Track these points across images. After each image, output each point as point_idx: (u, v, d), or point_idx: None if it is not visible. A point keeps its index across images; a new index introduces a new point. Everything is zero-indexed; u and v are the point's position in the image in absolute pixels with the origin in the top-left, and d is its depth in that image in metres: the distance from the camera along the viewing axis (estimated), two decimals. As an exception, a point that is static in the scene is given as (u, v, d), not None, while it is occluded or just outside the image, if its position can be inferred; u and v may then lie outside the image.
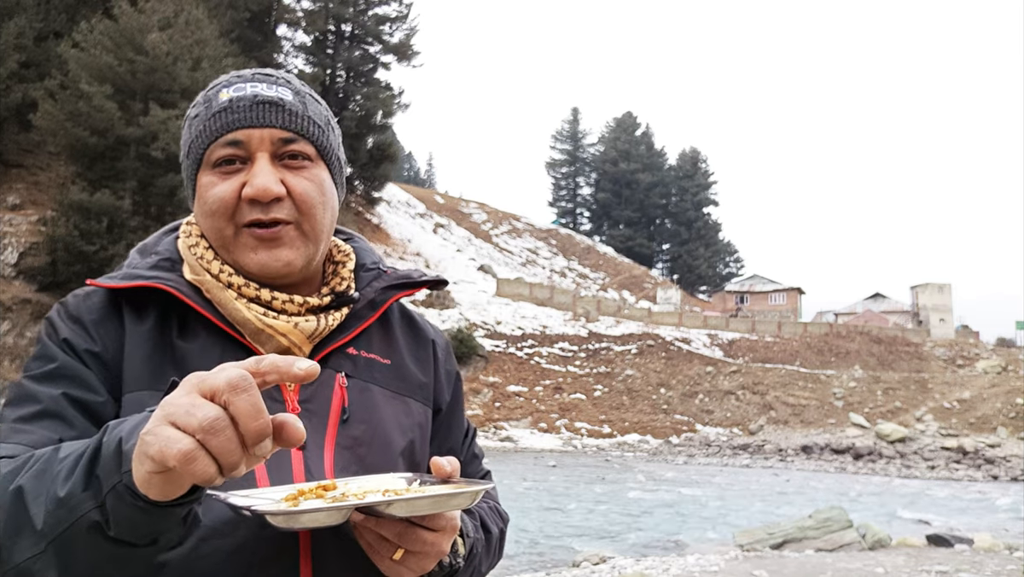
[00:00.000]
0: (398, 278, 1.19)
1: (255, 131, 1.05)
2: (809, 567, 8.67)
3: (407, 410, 1.14)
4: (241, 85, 1.08)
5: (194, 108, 1.11)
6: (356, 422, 1.07)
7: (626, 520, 15.39)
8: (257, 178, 1.03)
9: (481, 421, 35.49)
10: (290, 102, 1.08)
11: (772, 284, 72.01)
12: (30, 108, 30.02)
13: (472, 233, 71.14)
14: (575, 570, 9.48)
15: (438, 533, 0.93)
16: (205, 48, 32.53)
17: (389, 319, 1.21)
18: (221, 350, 1.03)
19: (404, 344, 1.20)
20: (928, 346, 52.14)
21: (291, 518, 0.80)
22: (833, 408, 39.14)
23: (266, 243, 1.04)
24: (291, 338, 1.05)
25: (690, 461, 29.80)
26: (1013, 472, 26.84)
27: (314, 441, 1.03)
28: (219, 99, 1.07)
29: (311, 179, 1.07)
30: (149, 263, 1.10)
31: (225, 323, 1.05)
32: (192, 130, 1.09)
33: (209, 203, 1.05)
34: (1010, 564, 8.99)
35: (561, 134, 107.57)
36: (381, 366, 1.14)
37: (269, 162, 1.05)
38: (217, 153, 1.05)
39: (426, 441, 1.16)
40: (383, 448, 1.08)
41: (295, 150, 1.07)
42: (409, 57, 55.57)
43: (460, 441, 1.26)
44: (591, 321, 50.83)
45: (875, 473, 27.53)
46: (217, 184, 1.05)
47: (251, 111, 1.05)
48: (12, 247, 29.27)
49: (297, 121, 1.07)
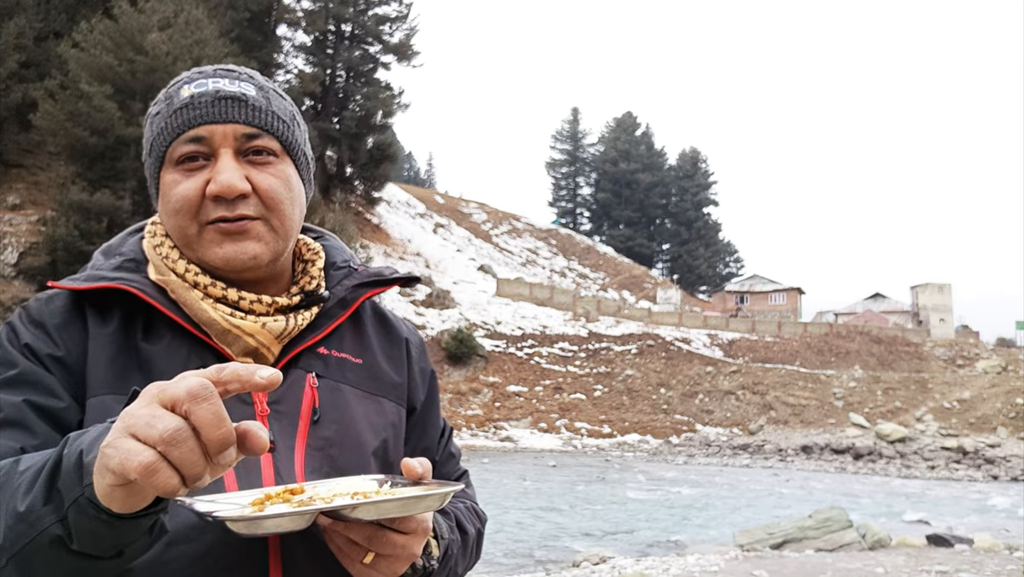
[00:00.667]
0: (369, 276, 1.17)
1: (218, 127, 1.02)
2: (809, 567, 8.67)
3: (380, 409, 1.12)
4: (202, 81, 1.05)
5: (155, 105, 1.08)
6: (327, 422, 1.05)
7: (626, 520, 15.39)
8: (221, 175, 1.00)
9: (481, 421, 35.50)
10: (253, 97, 1.05)
11: (772, 284, 72.02)
12: (30, 108, 30.04)
13: (472, 233, 71.15)
14: (575, 570, 9.48)
15: (409, 536, 0.91)
16: (205, 48, 32.51)
17: (361, 318, 1.19)
18: (187, 352, 1.02)
19: (377, 343, 1.18)
20: (928, 346, 52.15)
21: (253, 524, 0.79)
22: (833, 408, 39.15)
23: (232, 236, 1.02)
24: (259, 338, 1.03)
25: (690, 461, 29.79)
26: (1013, 472, 26.84)
27: (284, 443, 1.01)
28: (180, 95, 1.04)
29: (277, 175, 1.05)
30: (113, 264, 1.08)
31: (191, 324, 1.03)
32: (153, 127, 1.06)
33: (173, 201, 1.02)
34: (1010, 564, 8.99)
35: (561, 134, 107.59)
36: (353, 365, 1.12)
37: (233, 158, 1.02)
38: (179, 150, 1.02)
39: (400, 441, 1.15)
40: (355, 449, 1.06)
41: (259, 146, 1.04)
42: (409, 57, 55.57)
43: (436, 441, 1.24)
44: (591, 321, 50.83)
45: (875, 473, 27.53)
46: (180, 182, 1.02)
47: (213, 107, 1.02)
48: (12, 247, 29.29)
49: (261, 116, 1.05)
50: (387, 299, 40.96)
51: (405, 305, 45.19)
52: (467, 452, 28.68)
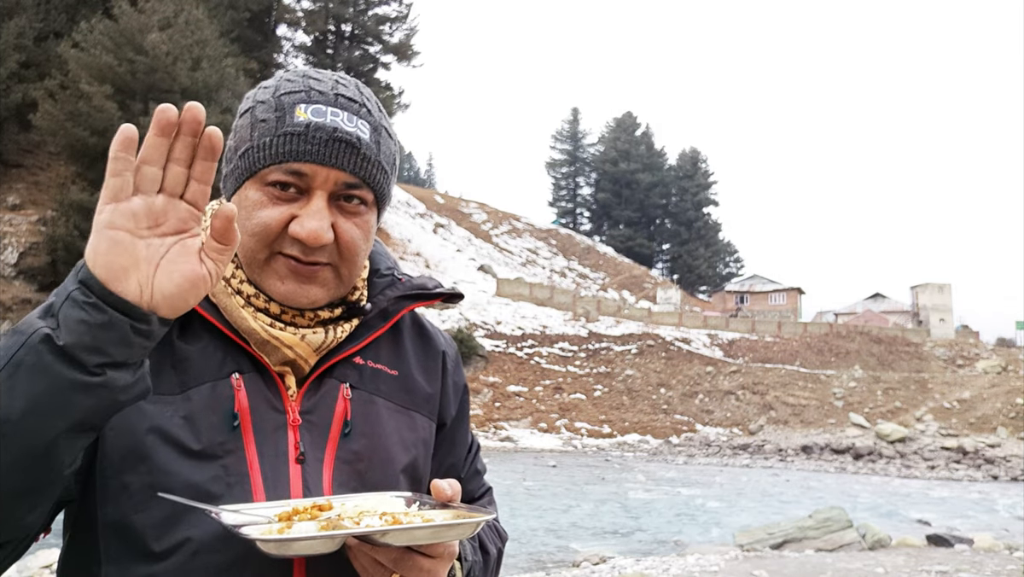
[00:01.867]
0: (412, 288, 1.15)
1: (322, 169, 0.98)
2: (809, 567, 8.67)
3: (412, 425, 1.10)
4: (321, 108, 1.00)
5: (263, 106, 1.02)
6: (358, 436, 1.03)
7: (626, 520, 15.39)
8: (311, 221, 0.97)
9: (481, 421, 35.50)
10: (366, 143, 1.01)
11: (772, 284, 72.02)
12: (30, 108, 30.04)
13: (472, 233, 71.13)
14: (575, 570, 9.48)
15: (435, 560, 0.91)
16: (205, 48, 32.53)
17: (400, 328, 1.17)
18: (223, 355, 1.01)
19: (413, 354, 1.16)
20: (928, 346, 52.15)
21: (283, 545, 0.78)
22: (833, 408, 39.14)
23: (299, 277, 1.00)
24: (297, 351, 1.02)
25: (690, 461, 29.79)
26: (1013, 472, 26.84)
27: (313, 455, 1.00)
28: (295, 117, 0.99)
29: (361, 226, 1.03)
30: None
31: (231, 329, 1.01)
32: (254, 133, 1.01)
33: (252, 223, 0.99)
34: (1010, 564, 8.99)
35: (561, 134, 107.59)
36: (388, 377, 1.10)
37: (326, 204, 0.99)
38: (275, 176, 0.99)
39: (429, 457, 1.13)
40: (384, 465, 1.04)
41: (355, 194, 1.01)
42: (409, 57, 55.59)
43: (463, 457, 1.23)
44: (591, 321, 50.83)
45: (875, 473, 27.52)
46: (266, 206, 0.99)
47: (326, 147, 0.98)
48: (12, 247, 29.29)
49: (367, 168, 1.01)
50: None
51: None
52: (467, 452, 28.66)
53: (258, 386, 1.00)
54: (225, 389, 0.98)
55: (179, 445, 0.93)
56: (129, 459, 0.92)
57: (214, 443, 0.95)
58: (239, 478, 0.95)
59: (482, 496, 1.27)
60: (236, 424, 0.97)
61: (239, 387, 0.98)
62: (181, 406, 0.96)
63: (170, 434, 0.94)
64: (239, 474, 0.95)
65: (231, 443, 0.96)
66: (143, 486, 0.90)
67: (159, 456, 0.92)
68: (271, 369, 1.01)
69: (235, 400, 0.97)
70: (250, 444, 0.97)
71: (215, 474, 0.94)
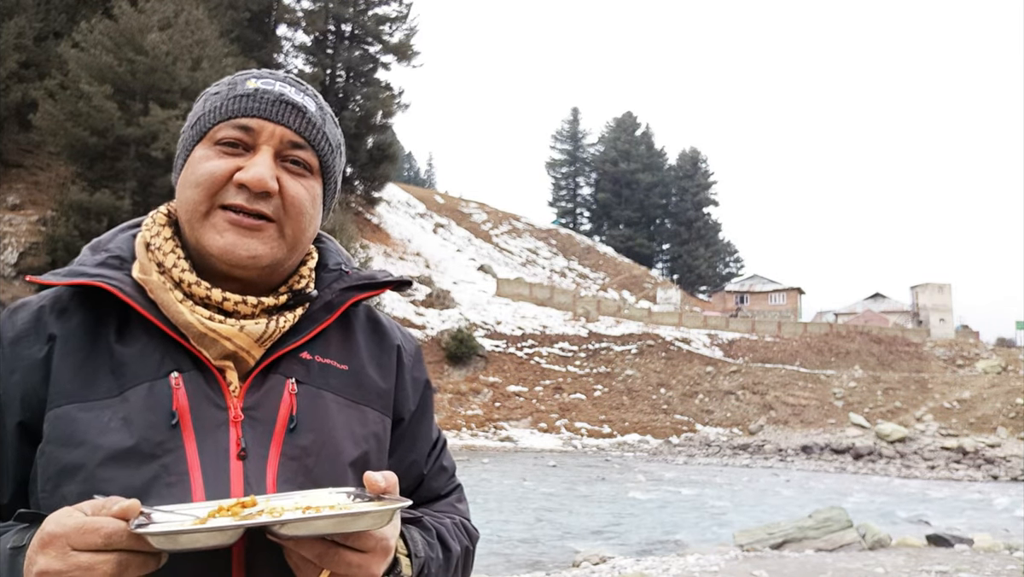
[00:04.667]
0: (359, 279, 1.13)
1: (269, 124, 1.03)
2: (809, 567, 8.67)
3: (362, 419, 1.07)
4: (270, 81, 1.07)
5: (215, 86, 1.09)
6: (304, 431, 1.01)
7: (626, 520, 15.39)
8: (256, 167, 1.00)
9: (481, 421, 35.50)
10: (312, 112, 1.07)
11: (772, 284, 72.01)
12: (30, 108, 30.03)
13: (472, 233, 71.14)
14: (575, 570, 9.48)
15: (366, 554, 0.87)
16: (205, 48, 32.54)
17: (351, 322, 1.14)
18: (162, 355, 0.99)
19: (365, 348, 1.13)
20: (928, 346, 52.16)
21: (171, 539, 0.77)
22: (833, 408, 39.15)
23: (240, 229, 1.00)
24: (236, 342, 1.00)
25: (690, 461, 29.79)
26: (1013, 472, 26.84)
27: (257, 451, 0.98)
28: (245, 85, 1.06)
29: (307, 188, 1.05)
30: (97, 260, 1.05)
31: (169, 326, 1.00)
32: (206, 104, 1.06)
33: (197, 174, 1.01)
34: (1010, 564, 8.99)
35: (561, 134, 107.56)
36: (337, 372, 1.08)
37: (271, 157, 1.02)
38: (223, 132, 1.03)
39: (383, 453, 1.10)
40: (332, 459, 1.01)
41: (299, 156, 1.05)
42: (409, 57, 55.55)
43: (426, 453, 1.19)
44: (591, 321, 50.83)
45: (875, 473, 27.53)
46: (211, 159, 1.02)
47: (273, 105, 1.04)
48: (12, 247, 29.30)
49: (312, 131, 1.06)
50: (387, 298, 40.97)
51: (405, 305, 45.20)
52: (467, 452, 28.69)
53: (198, 383, 0.99)
54: (164, 388, 0.97)
55: (115, 449, 0.93)
56: (67, 471, 0.92)
57: (152, 443, 0.94)
58: (179, 477, 0.93)
59: (449, 494, 1.23)
60: (175, 422, 0.95)
61: (178, 385, 0.97)
62: (119, 408, 0.95)
63: (106, 439, 0.93)
64: (179, 473, 0.93)
65: (170, 442, 0.95)
66: (79, 495, 0.87)
67: (95, 463, 0.92)
68: (211, 365, 1.00)
69: (173, 398, 0.96)
70: (190, 442, 0.95)
71: (154, 474, 0.93)
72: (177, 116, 29.63)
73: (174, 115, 29.56)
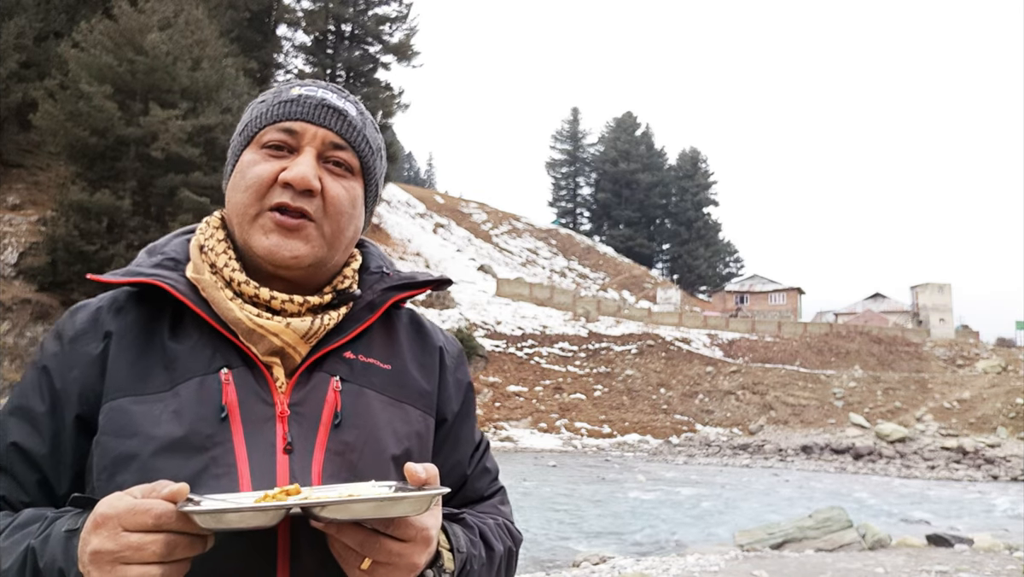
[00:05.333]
0: (400, 280, 1.18)
1: (311, 127, 1.08)
2: (809, 567, 8.67)
3: (405, 417, 1.11)
4: (313, 88, 1.13)
5: (262, 95, 1.16)
6: (348, 427, 1.04)
7: (626, 520, 15.39)
8: (299, 167, 1.06)
9: (481, 421, 35.47)
10: (352, 116, 1.12)
11: (772, 284, 71.99)
12: (30, 108, 29.98)
13: (472, 233, 71.13)
14: (575, 570, 9.47)
15: (407, 544, 0.90)
16: (205, 48, 32.49)
17: (394, 323, 1.19)
18: (212, 351, 1.04)
19: (408, 349, 1.17)
20: (928, 346, 52.16)
21: (216, 518, 0.81)
22: (833, 408, 39.15)
23: (283, 230, 1.05)
24: (283, 338, 1.05)
25: (690, 461, 29.79)
26: (1013, 472, 26.83)
27: (302, 445, 1.01)
28: (290, 92, 1.12)
29: (348, 189, 1.10)
30: (153, 261, 1.11)
31: (219, 323, 1.04)
32: (252, 112, 1.13)
33: (247, 178, 1.07)
34: (1010, 564, 8.99)
35: (561, 134, 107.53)
36: (380, 371, 1.11)
37: (314, 158, 1.08)
38: (269, 136, 1.09)
39: (426, 451, 1.13)
40: (375, 455, 1.05)
41: (341, 157, 1.10)
42: (409, 57, 55.54)
43: (469, 454, 1.22)
44: (591, 321, 50.82)
45: (875, 473, 27.52)
46: (259, 163, 1.08)
47: (315, 109, 1.09)
48: (12, 247, 29.26)
49: (353, 133, 1.11)
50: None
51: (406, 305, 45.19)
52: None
53: (247, 379, 1.03)
54: (213, 383, 1.01)
55: (167, 440, 0.97)
56: (121, 460, 0.97)
57: (202, 435, 0.98)
58: (227, 469, 0.97)
59: (492, 495, 1.27)
60: (224, 416, 0.99)
61: (228, 381, 1.02)
62: (171, 402, 1.00)
63: (158, 431, 0.98)
64: (227, 465, 0.97)
65: (219, 435, 0.99)
66: (134, 483, 0.91)
67: (148, 453, 0.97)
68: (259, 361, 1.04)
69: (223, 393, 1.01)
70: (239, 436, 0.99)
71: (204, 466, 0.97)
72: (177, 116, 29.60)
73: (174, 115, 29.53)
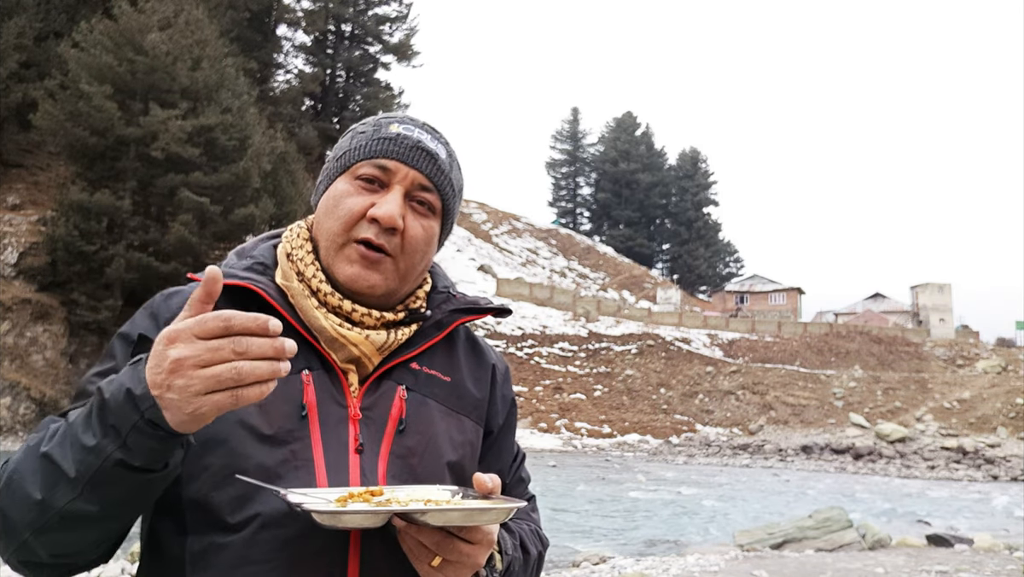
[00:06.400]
0: (466, 303, 1.29)
1: (403, 167, 1.17)
2: (809, 567, 8.67)
3: (460, 427, 1.21)
4: (411, 127, 1.21)
5: (362, 125, 1.23)
6: (411, 433, 1.14)
7: (626, 520, 15.39)
8: (388, 204, 1.14)
9: (481, 421, 35.52)
10: (442, 160, 1.21)
11: (772, 284, 72.01)
12: (30, 108, 29.97)
13: (472, 233, 71.13)
14: (575, 570, 9.47)
15: (474, 545, 1.00)
16: (205, 48, 32.47)
17: (454, 340, 1.29)
18: (297, 352, 1.08)
19: (465, 364, 1.28)
20: (928, 346, 52.16)
21: (334, 517, 0.91)
22: (833, 408, 39.15)
23: (365, 262, 1.14)
24: (361, 348, 1.14)
25: (690, 461, 29.80)
26: (1013, 472, 26.85)
27: (371, 447, 1.11)
28: (389, 129, 1.20)
29: (426, 228, 1.19)
30: (244, 265, 1.19)
31: (304, 328, 1.14)
32: (353, 141, 1.21)
33: (340, 209, 1.16)
34: (1010, 564, 8.99)
35: (561, 134, 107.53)
36: (441, 383, 1.22)
37: (401, 196, 1.16)
38: (364, 169, 1.17)
39: (475, 459, 1.23)
40: (434, 460, 1.15)
41: (425, 198, 1.19)
42: (409, 57, 55.53)
43: (508, 464, 1.32)
44: (591, 321, 50.82)
45: (875, 473, 27.54)
46: (352, 195, 1.16)
47: (411, 151, 1.18)
48: (12, 247, 29.26)
49: (440, 176, 1.20)
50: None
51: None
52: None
53: (324, 382, 1.13)
54: (296, 383, 1.10)
55: (254, 431, 1.06)
56: (210, 443, 1.04)
57: (284, 430, 1.07)
58: (304, 463, 1.06)
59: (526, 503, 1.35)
60: (304, 414, 1.09)
61: (308, 382, 1.11)
62: None
63: (246, 421, 1.06)
64: (305, 459, 1.06)
65: (299, 431, 1.08)
66: (221, 467, 1.03)
67: (236, 440, 1.05)
68: (337, 367, 1.14)
69: (304, 393, 1.10)
70: (315, 433, 1.09)
71: (284, 458, 1.05)
72: (177, 116, 29.59)
73: (174, 115, 29.52)
